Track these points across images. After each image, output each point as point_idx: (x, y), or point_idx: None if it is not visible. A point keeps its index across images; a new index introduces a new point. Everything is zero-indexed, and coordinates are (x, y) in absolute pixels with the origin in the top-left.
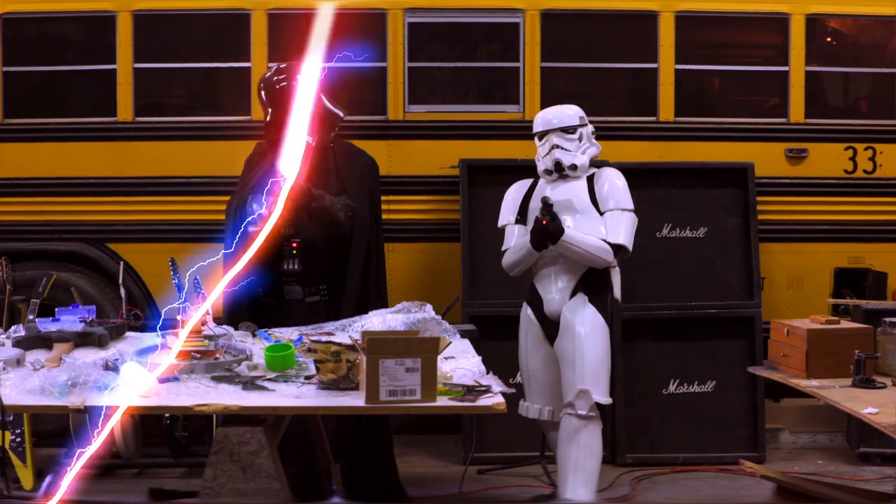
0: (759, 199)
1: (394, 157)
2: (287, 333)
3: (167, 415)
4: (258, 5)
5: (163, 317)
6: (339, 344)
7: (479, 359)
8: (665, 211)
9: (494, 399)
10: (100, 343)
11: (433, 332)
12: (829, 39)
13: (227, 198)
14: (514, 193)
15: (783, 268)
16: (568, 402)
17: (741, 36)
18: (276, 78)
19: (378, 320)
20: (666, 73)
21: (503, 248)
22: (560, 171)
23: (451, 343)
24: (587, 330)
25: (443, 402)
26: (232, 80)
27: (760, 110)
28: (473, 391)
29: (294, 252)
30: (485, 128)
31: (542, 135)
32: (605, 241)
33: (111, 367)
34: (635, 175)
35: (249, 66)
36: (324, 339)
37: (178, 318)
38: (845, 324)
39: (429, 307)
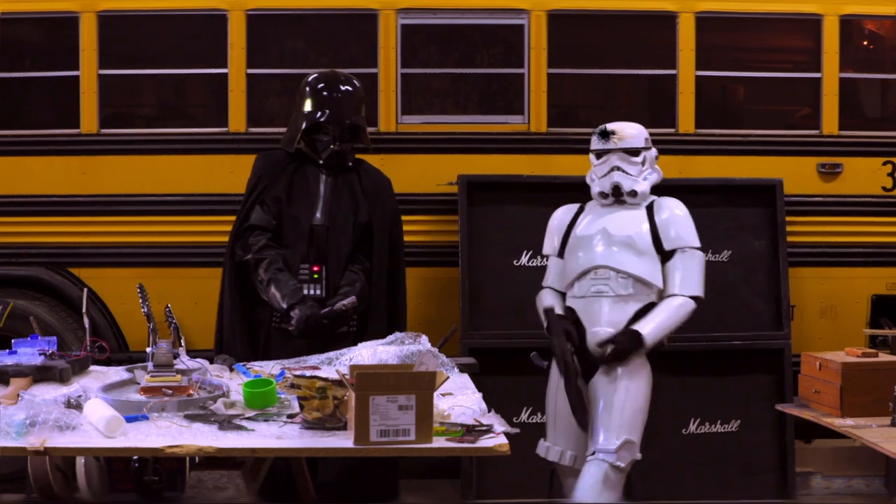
0: (788, 218)
1: (386, 173)
2: (268, 368)
3: (136, 457)
4: (236, 5)
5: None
6: (326, 379)
7: (479, 395)
8: None
9: (496, 440)
10: (61, 378)
11: (429, 365)
12: (865, 43)
13: (203, 217)
14: (559, 219)
15: (815, 295)
16: (603, 448)
17: (769, 39)
18: (309, 79)
19: (368, 353)
20: (685, 80)
21: (543, 284)
22: (618, 196)
23: (448, 378)
24: (633, 373)
25: (439, 443)
26: (207, 88)
27: (790, 121)
28: (473, 431)
29: (316, 277)
30: (486, 141)
31: (600, 153)
32: (677, 293)
33: (74, 404)
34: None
35: (226, 72)
36: (308, 373)
37: (148, 350)
38: (884, 357)
39: (424, 339)
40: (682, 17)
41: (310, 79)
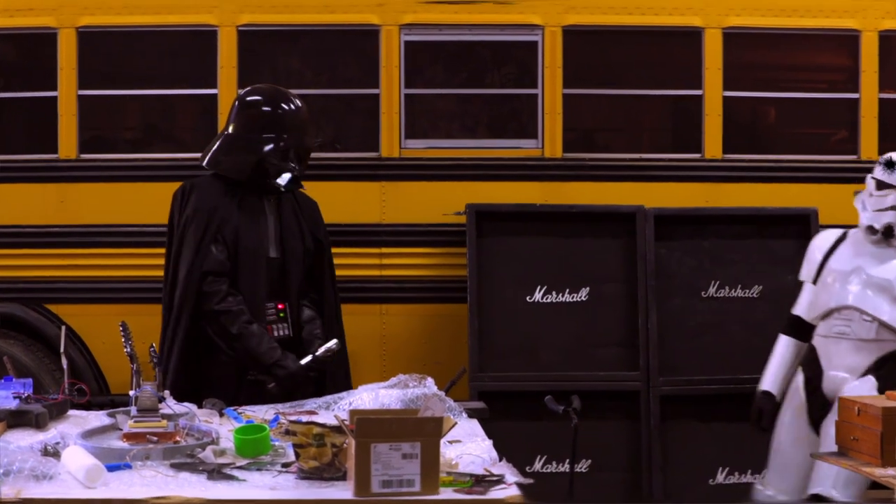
0: None
1: (388, 202)
2: (260, 413)
3: None
4: (226, 20)
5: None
6: (323, 425)
7: (489, 443)
8: (712, 266)
9: (508, 491)
10: (37, 423)
11: (435, 410)
12: None
13: None
14: (818, 245)
15: None
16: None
17: (802, 56)
18: (255, 97)
19: (369, 397)
20: (712, 101)
21: (792, 311)
22: (888, 237)
23: (456, 424)
24: None
25: (447, 494)
26: (196, 109)
27: (825, 145)
28: (483, 482)
29: (282, 315)
30: (496, 167)
31: (881, 185)
32: None
33: (51, 451)
34: (676, 223)
35: (216, 93)
36: (304, 419)
37: (131, 393)
38: None
39: (430, 381)
40: (708, 33)
41: (256, 97)
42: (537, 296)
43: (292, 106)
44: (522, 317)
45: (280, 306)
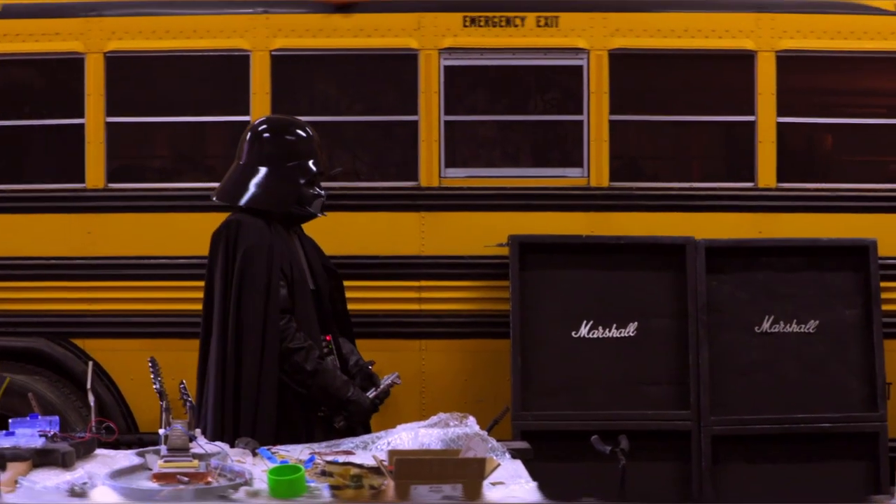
0: (883, 284)
1: (427, 233)
2: (295, 453)
3: None
4: (259, 45)
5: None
6: (361, 466)
7: (534, 485)
8: (766, 300)
9: None
10: (64, 463)
11: (477, 451)
12: None
13: None
14: None
15: None
16: None
17: (859, 80)
18: (272, 126)
19: (408, 436)
20: (765, 127)
21: None
22: None
23: (499, 465)
24: None
25: None
26: (228, 137)
27: (884, 173)
28: None
29: (330, 347)
30: (540, 196)
31: None
32: None
33: (78, 492)
34: (728, 255)
35: (249, 120)
36: (341, 459)
37: (161, 432)
38: None
39: (471, 420)
40: (761, 57)
41: (275, 126)
42: (583, 331)
43: (310, 132)
44: (568, 353)
45: (327, 338)
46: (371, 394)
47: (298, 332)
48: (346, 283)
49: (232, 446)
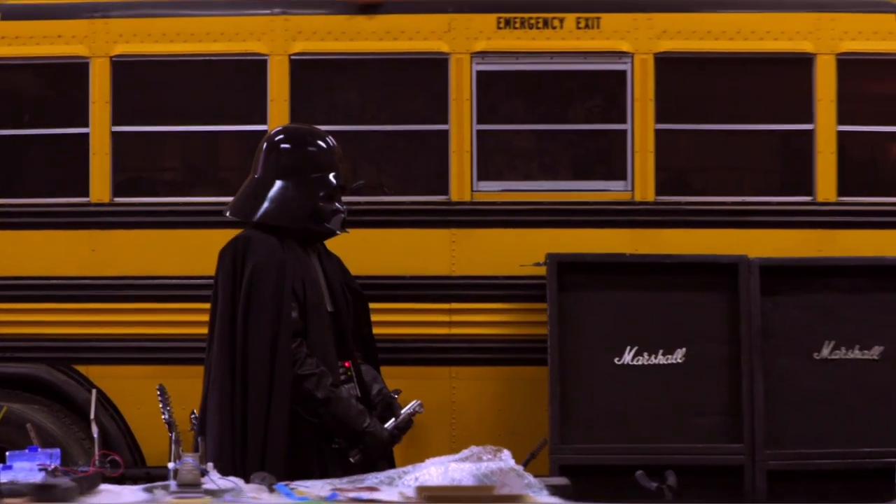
0: None
1: (458, 252)
2: (315, 488)
3: None
4: (278, 48)
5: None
6: (387, 503)
7: None
8: (827, 323)
9: None
10: (65, 498)
11: (512, 487)
12: None
13: None
14: None
15: None
16: None
17: None
18: (290, 137)
19: (438, 471)
20: (825, 136)
21: None
22: None
23: (536, 503)
24: None
25: None
26: (243, 148)
27: None
28: None
29: (350, 374)
30: (580, 212)
31: None
32: None
33: None
34: (784, 275)
35: (265, 129)
36: (366, 496)
37: (170, 466)
38: None
39: (506, 454)
40: (820, 60)
41: (293, 137)
42: (627, 357)
43: (331, 142)
44: (610, 381)
45: (346, 364)
46: (390, 425)
47: (310, 357)
48: (370, 306)
49: (246, 481)
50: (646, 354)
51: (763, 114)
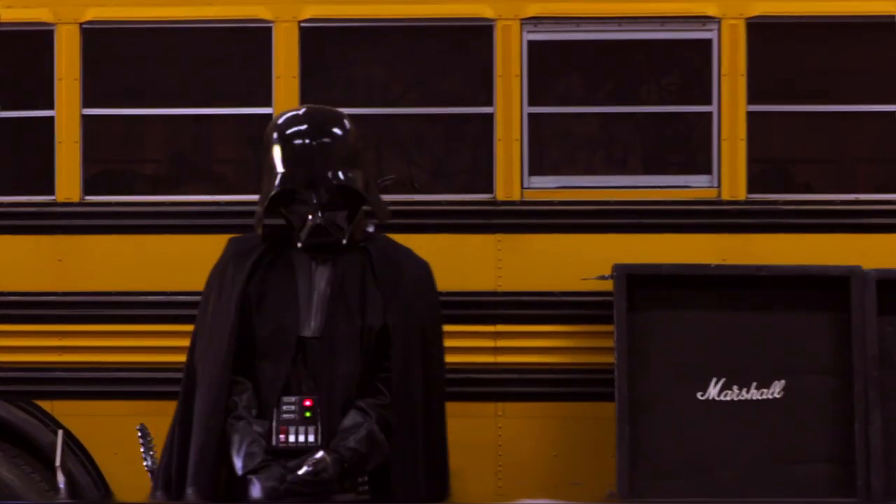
0: None
1: (505, 262)
2: None
3: None
4: (285, 14)
5: None
6: None
7: None
8: None
9: None
10: None
11: None
12: None
13: None
14: None
15: None
16: None
17: None
18: (295, 129)
19: None
20: None
21: None
22: None
23: None
24: None
25: None
26: (242, 135)
27: None
28: None
29: (308, 416)
30: (654, 213)
31: None
32: None
33: None
34: None
35: (270, 112)
36: None
37: None
38: None
39: None
40: None
41: (276, 121)
42: (712, 391)
43: (308, 128)
44: (691, 420)
45: (306, 402)
46: (291, 477)
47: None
48: None
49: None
50: (735, 388)
51: (881, 92)
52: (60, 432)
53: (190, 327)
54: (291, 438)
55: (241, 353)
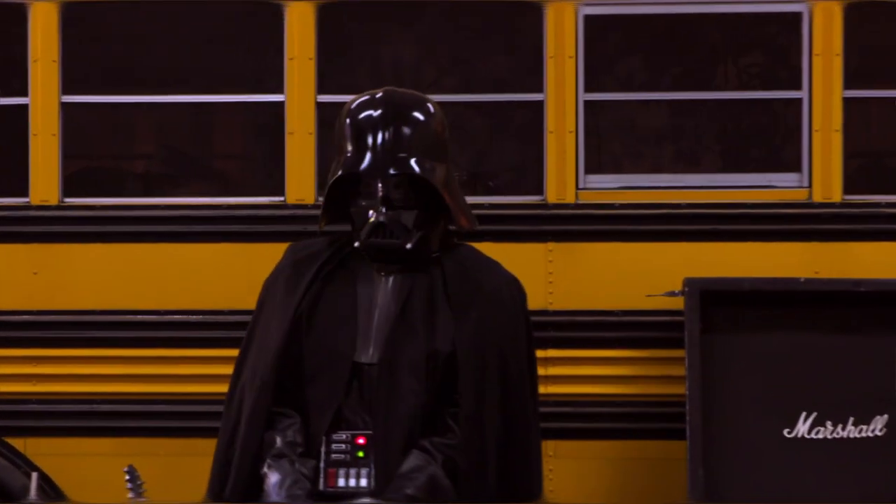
0: None
1: (557, 276)
2: None
3: None
4: None
5: None
6: None
7: None
8: None
9: None
10: None
11: None
12: None
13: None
14: None
15: None
16: None
17: None
18: (367, 110)
19: None
20: None
21: None
22: None
23: None
24: None
25: None
26: (248, 126)
27: None
28: None
29: (361, 455)
30: (733, 218)
31: None
32: None
33: None
34: None
35: (282, 100)
36: None
37: None
38: None
39: None
40: None
41: (349, 103)
42: (801, 428)
43: (381, 111)
44: (777, 461)
45: (360, 440)
46: None
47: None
48: None
49: None
50: (829, 424)
51: None
52: (35, 475)
53: (188, 351)
54: (341, 482)
55: (291, 380)
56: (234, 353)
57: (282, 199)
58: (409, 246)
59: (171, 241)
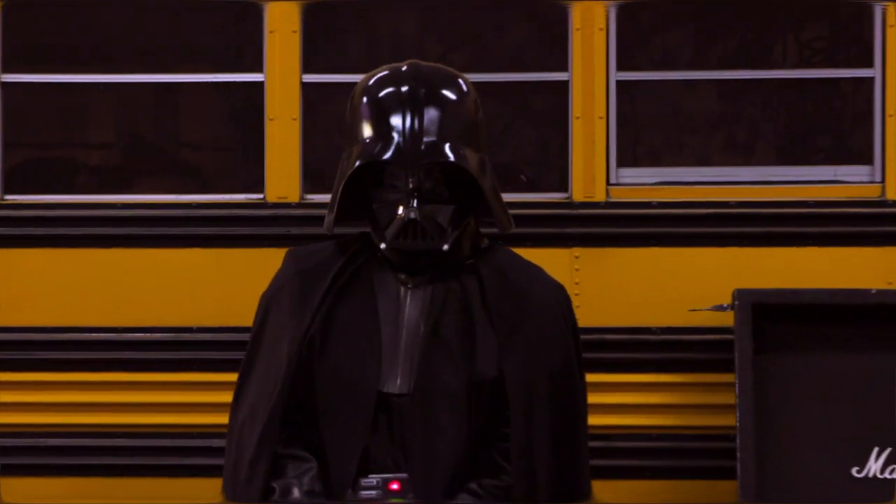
0: None
1: (585, 285)
2: None
3: None
4: None
5: None
6: None
7: None
8: None
9: None
10: None
11: None
12: None
13: (221, 375)
14: None
15: None
16: None
17: None
18: (389, 88)
19: None
20: None
21: None
22: None
23: None
24: None
25: None
26: (222, 111)
27: None
28: None
29: (396, 502)
30: (791, 218)
31: None
32: None
33: None
34: None
35: (262, 80)
36: None
37: None
38: None
39: None
40: None
41: (365, 80)
42: (873, 466)
43: (409, 89)
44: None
45: (394, 486)
46: None
47: (283, 459)
48: None
49: None
50: None
51: None
52: None
53: (151, 376)
54: None
55: (302, 415)
56: (205, 377)
57: (261, 196)
58: (445, 247)
59: (131, 245)
